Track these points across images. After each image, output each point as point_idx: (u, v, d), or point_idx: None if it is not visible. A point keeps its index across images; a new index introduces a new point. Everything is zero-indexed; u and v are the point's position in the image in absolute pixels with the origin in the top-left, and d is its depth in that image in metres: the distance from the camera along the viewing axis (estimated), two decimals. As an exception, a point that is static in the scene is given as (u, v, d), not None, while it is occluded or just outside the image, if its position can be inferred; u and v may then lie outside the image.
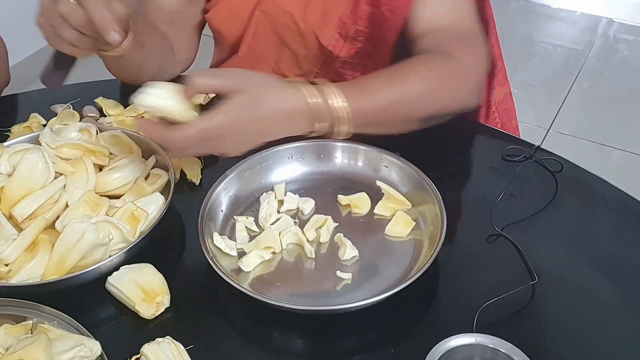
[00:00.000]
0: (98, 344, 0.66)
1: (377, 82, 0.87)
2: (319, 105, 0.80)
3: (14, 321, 0.70)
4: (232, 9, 1.05)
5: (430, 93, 0.89)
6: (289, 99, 0.80)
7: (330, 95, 0.81)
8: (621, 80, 2.72)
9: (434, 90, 0.89)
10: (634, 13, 3.11)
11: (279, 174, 0.90)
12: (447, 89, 0.91)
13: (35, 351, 0.62)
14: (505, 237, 0.83)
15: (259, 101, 0.78)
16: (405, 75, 0.88)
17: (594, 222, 0.89)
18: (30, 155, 0.80)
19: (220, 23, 1.07)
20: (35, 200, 0.79)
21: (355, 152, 0.91)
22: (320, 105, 0.80)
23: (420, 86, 0.88)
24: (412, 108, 0.88)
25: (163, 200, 0.82)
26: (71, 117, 1.01)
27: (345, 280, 0.77)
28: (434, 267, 0.75)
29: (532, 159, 0.94)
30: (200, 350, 0.70)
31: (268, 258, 0.80)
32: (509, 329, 0.72)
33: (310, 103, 0.80)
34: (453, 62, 0.91)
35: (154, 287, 0.75)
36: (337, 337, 0.74)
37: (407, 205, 0.86)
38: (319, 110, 0.80)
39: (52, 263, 0.75)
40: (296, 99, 0.80)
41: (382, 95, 0.85)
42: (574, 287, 0.79)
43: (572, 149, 2.29)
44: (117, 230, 0.77)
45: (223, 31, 1.08)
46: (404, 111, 0.88)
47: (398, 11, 0.98)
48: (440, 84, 0.90)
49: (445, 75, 0.90)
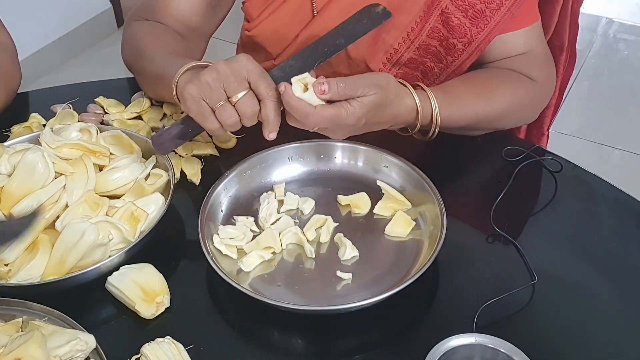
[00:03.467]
0: (92, 337, 0.66)
1: (468, 93, 0.93)
2: (427, 111, 0.87)
3: (2, 320, 0.70)
4: (276, 28, 1.04)
5: (510, 112, 0.97)
6: (406, 102, 0.85)
7: (433, 100, 0.87)
8: (621, 80, 2.72)
9: (514, 110, 0.97)
10: (634, 13, 3.11)
11: (279, 174, 0.90)
12: (524, 110, 1.01)
13: (32, 348, 0.62)
14: (506, 237, 0.83)
15: (388, 104, 0.82)
16: (493, 91, 0.95)
17: (594, 222, 0.89)
18: (30, 155, 0.80)
19: (265, 40, 1.06)
20: (35, 200, 0.79)
21: (355, 152, 0.91)
22: (427, 111, 0.87)
23: (504, 106, 0.95)
24: (491, 123, 0.96)
25: (163, 201, 0.82)
26: (70, 117, 1.01)
27: (345, 280, 0.77)
28: (434, 267, 0.75)
29: (532, 159, 0.94)
30: (200, 350, 0.70)
31: (268, 258, 0.80)
32: (509, 329, 0.72)
33: (420, 106, 0.85)
34: (534, 86, 1.00)
35: (154, 287, 0.75)
36: (337, 337, 0.74)
37: (407, 205, 0.86)
38: (425, 114, 0.87)
39: (51, 263, 0.75)
40: (409, 103, 0.85)
41: (471, 107, 0.92)
42: (574, 287, 0.79)
43: (572, 149, 2.29)
44: (117, 231, 0.77)
45: (267, 46, 1.07)
46: (484, 124, 0.96)
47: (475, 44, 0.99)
48: (520, 106, 0.99)
49: (526, 98, 0.99)
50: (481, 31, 0.96)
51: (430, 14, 0.97)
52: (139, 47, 0.98)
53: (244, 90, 0.77)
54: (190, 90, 0.77)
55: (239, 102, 0.77)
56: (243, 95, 0.77)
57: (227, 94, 0.77)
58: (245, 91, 0.77)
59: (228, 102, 0.77)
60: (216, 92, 0.77)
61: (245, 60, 0.77)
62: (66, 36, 2.79)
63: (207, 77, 0.76)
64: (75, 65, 2.79)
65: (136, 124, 1.00)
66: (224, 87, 0.77)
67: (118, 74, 1.13)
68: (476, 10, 0.95)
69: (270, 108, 0.77)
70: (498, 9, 0.95)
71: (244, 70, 0.77)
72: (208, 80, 0.76)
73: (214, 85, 0.76)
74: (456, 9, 0.96)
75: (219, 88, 0.76)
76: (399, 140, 0.92)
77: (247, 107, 0.77)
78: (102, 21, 2.93)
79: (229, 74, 0.76)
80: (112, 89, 1.08)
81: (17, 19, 2.46)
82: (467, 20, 0.96)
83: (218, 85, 0.76)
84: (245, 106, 0.77)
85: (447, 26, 0.97)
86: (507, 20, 0.96)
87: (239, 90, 0.77)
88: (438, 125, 0.88)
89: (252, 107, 0.77)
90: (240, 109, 0.77)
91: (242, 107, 0.77)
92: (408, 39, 1.00)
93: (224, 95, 0.77)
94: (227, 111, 0.77)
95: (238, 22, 1.14)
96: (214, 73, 0.76)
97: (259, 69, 0.78)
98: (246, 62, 0.77)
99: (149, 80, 0.98)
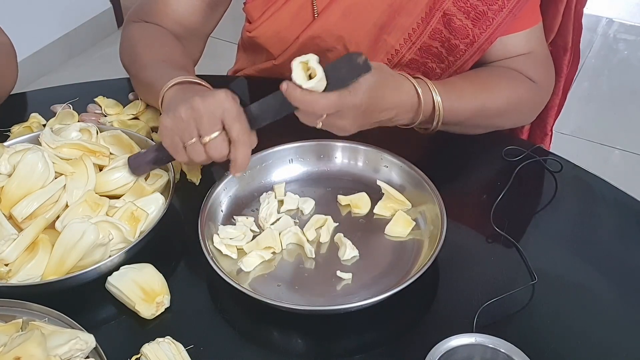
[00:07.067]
0: (92, 337, 0.66)
1: (468, 87, 0.93)
2: (427, 98, 0.86)
3: (2, 321, 0.70)
4: (277, 29, 1.03)
5: (509, 110, 0.97)
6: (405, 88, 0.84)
7: (433, 90, 0.86)
8: (621, 80, 2.72)
9: (513, 107, 0.98)
10: (634, 13, 3.11)
11: (279, 174, 0.90)
12: (522, 109, 1.01)
13: (31, 347, 0.62)
14: (506, 237, 0.83)
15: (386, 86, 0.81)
16: (493, 87, 0.95)
17: (594, 222, 0.89)
18: (30, 155, 0.80)
19: (266, 41, 1.05)
20: (35, 200, 0.79)
21: (355, 152, 0.91)
22: (428, 98, 0.86)
23: (504, 102, 0.95)
24: (490, 119, 0.96)
25: (163, 201, 0.82)
26: (70, 117, 1.01)
27: (345, 280, 0.77)
28: (434, 267, 0.75)
29: (532, 159, 0.94)
30: (200, 350, 0.70)
31: (268, 258, 0.80)
32: (509, 329, 0.72)
33: (421, 94, 0.85)
34: (533, 87, 1.00)
35: (154, 287, 0.75)
36: (337, 337, 0.74)
37: (407, 205, 0.86)
38: (426, 103, 0.86)
39: (52, 263, 0.75)
40: (409, 89, 0.85)
41: (471, 100, 0.92)
42: (574, 287, 0.79)
43: (572, 149, 2.29)
44: (117, 230, 0.77)
45: (268, 47, 1.07)
46: (484, 120, 0.95)
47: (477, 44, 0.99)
48: (520, 104, 0.99)
49: (525, 97, 0.99)
50: (483, 32, 0.96)
51: (432, 16, 0.97)
52: (134, 52, 0.98)
53: (216, 131, 0.75)
54: (164, 122, 0.77)
55: (208, 144, 0.75)
56: (214, 137, 0.75)
57: (199, 132, 0.76)
58: (217, 133, 0.75)
59: (199, 140, 0.76)
60: (188, 129, 0.75)
61: (222, 99, 0.75)
62: (66, 36, 2.79)
63: (181, 112, 0.75)
64: (75, 65, 2.79)
65: (136, 124, 1.00)
66: (197, 126, 0.75)
67: (118, 74, 1.12)
68: (478, 11, 0.95)
69: (240, 152, 0.76)
70: (500, 10, 0.95)
71: (220, 109, 0.75)
72: (182, 116, 0.75)
73: (187, 122, 0.75)
74: (458, 10, 0.96)
75: (192, 126, 0.75)
76: (399, 140, 0.92)
77: (215, 151, 0.76)
78: (102, 21, 2.93)
79: (203, 113, 0.74)
80: (112, 89, 1.08)
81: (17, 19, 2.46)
82: (469, 21, 0.96)
83: (191, 122, 0.75)
84: (214, 149, 0.76)
85: (448, 27, 0.97)
86: (509, 21, 0.96)
87: (210, 131, 0.75)
88: (441, 113, 0.87)
89: (221, 152, 0.76)
90: (208, 151, 0.76)
91: (211, 150, 0.76)
92: (409, 40, 1.00)
93: (196, 133, 0.76)
94: (196, 150, 0.76)
95: (238, 22, 1.14)
96: (189, 110, 0.75)
97: (234, 110, 0.75)
98: (224, 100, 0.75)
99: (141, 87, 0.98)
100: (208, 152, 0.76)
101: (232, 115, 0.75)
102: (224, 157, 0.77)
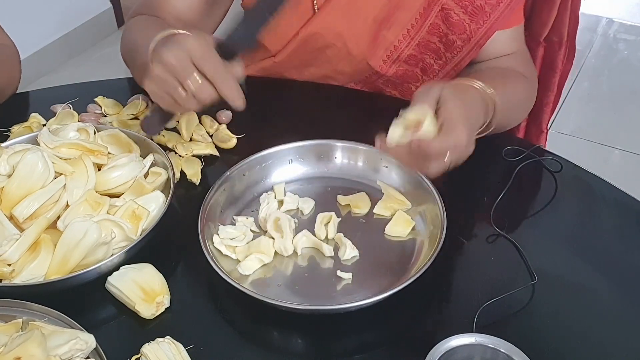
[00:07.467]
0: (92, 337, 0.66)
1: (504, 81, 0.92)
2: (493, 96, 0.84)
3: (2, 321, 0.70)
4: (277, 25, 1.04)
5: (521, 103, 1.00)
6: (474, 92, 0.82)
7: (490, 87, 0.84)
8: (621, 80, 2.72)
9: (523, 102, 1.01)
10: (634, 13, 3.11)
11: (279, 174, 0.90)
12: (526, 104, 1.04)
13: (31, 347, 0.61)
14: (505, 237, 0.83)
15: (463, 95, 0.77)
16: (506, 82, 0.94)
17: (594, 222, 0.89)
18: (30, 155, 0.80)
19: (265, 37, 1.06)
20: (36, 200, 0.79)
21: (355, 152, 0.91)
22: (492, 97, 0.84)
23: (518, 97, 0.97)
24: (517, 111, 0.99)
25: (163, 198, 0.82)
26: (70, 117, 1.01)
27: (345, 280, 0.77)
28: (434, 267, 0.75)
29: (532, 159, 0.94)
30: (200, 350, 0.70)
31: (267, 262, 0.80)
32: (509, 329, 0.72)
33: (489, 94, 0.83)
34: (528, 82, 1.01)
35: (154, 287, 0.75)
36: (337, 337, 0.74)
37: (407, 205, 0.86)
38: (493, 101, 0.84)
39: (54, 262, 0.74)
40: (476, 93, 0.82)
41: (513, 94, 0.93)
42: (574, 287, 0.79)
43: (572, 149, 2.29)
44: (119, 229, 0.77)
45: (267, 43, 1.07)
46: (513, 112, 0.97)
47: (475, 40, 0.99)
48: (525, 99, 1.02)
49: (526, 92, 1.01)
50: (480, 27, 0.97)
51: (431, 10, 0.98)
52: (130, 39, 0.99)
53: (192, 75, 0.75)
54: (147, 86, 0.78)
55: (192, 90, 0.76)
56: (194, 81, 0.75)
57: (180, 82, 0.76)
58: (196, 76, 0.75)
59: (182, 90, 0.76)
60: (167, 83, 0.76)
61: (186, 43, 0.75)
62: (66, 36, 2.79)
63: (156, 70, 0.77)
64: (75, 65, 2.79)
65: (136, 123, 1.00)
66: (174, 77, 0.76)
67: (118, 74, 1.13)
68: (475, 6, 0.96)
69: (224, 86, 0.76)
70: (497, 4, 0.95)
71: (184, 53, 0.75)
72: (157, 73, 0.77)
73: (163, 77, 0.76)
74: (456, 5, 0.96)
75: (170, 78, 0.76)
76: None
77: (202, 94, 0.76)
78: (102, 21, 2.94)
79: (173, 63, 0.75)
80: (112, 89, 1.08)
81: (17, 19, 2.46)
82: (466, 16, 0.96)
83: (167, 76, 0.76)
84: (199, 92, 0.76)
85: (446, 22, 0.98)
86: (506, 16, 0.96)
87: (186, 77, 0.75)
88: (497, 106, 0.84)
89: (207, 92, 0.76)
90: (196, 96, 0.77)
91: (198, 94, 0.76)
92: (408, 36, 1.00)
93: (177, 84, 0.76)
94: (185, 99, 0.77)
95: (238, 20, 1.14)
96: (160, 65, 0.76)
97: (199, 50, 0.75)
98: (187, 43, 0.75)
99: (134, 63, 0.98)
100: (196, 97, 0.77)
101: (197, 55, 0.75)
102: (213, 95, 0.77)
